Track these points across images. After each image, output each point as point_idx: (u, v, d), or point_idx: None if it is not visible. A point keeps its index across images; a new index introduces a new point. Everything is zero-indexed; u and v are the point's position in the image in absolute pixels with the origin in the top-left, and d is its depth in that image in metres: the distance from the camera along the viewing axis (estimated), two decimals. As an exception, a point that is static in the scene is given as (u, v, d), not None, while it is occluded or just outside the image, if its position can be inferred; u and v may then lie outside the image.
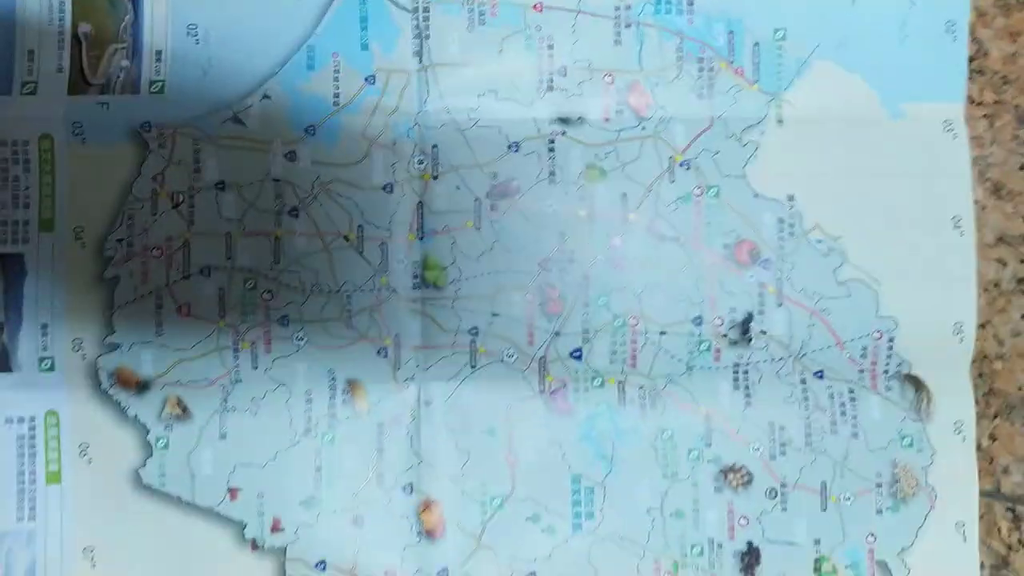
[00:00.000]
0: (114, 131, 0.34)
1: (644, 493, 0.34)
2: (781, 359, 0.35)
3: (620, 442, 0.34)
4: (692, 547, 0.34)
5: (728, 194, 0.35)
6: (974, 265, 0.35)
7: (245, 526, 0.33)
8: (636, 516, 0.34)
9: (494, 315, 0.34)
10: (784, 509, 0.34)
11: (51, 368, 0.33)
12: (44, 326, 0.33)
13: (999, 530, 0.36)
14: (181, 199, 0.34)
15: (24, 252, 0.33)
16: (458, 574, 0.34)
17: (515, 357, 0.34)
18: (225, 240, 0.34)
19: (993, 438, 0.36)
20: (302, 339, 0.34)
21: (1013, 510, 0.36)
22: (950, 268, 0.35)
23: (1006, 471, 0.36)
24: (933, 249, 0.35)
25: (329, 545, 0.34)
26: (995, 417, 0.36)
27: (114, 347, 0.33)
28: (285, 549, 0.33)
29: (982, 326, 0.35)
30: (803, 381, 0.35)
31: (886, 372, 0.35)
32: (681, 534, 0.34)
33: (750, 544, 0.34)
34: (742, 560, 0.34)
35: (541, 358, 0.34)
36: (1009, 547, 0.36)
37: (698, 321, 0.34)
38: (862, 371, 0.35)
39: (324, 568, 0.33)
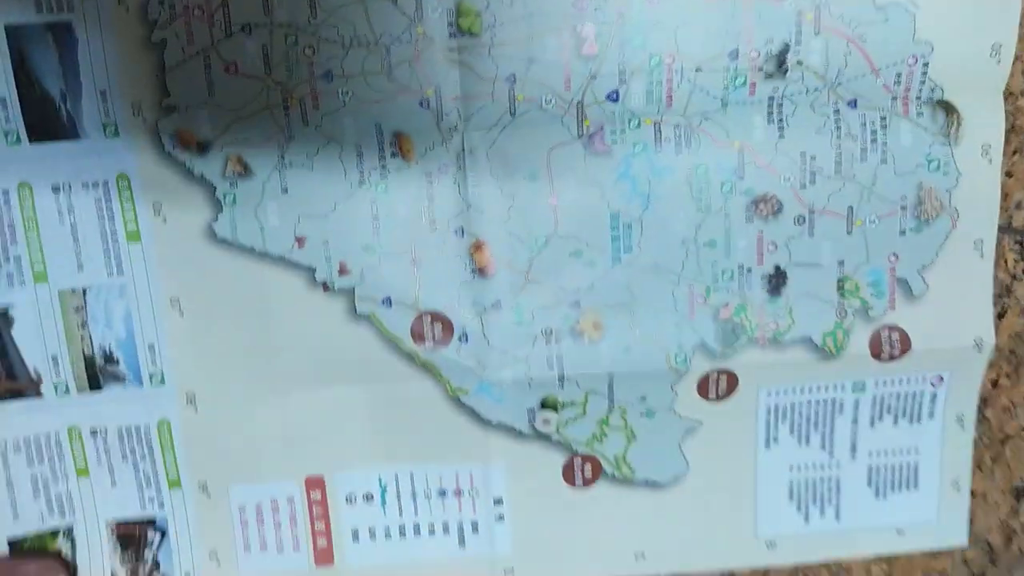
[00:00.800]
0: None
1: (679, 226, 0.37)
2: (816, 90, 0.36)
3: (656, 179, 0.37)
4: (723, 272, 0.38)
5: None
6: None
7: (315, 270, 0.38)
8: (671, 247, 0.38)
9: (530, 61, 0.35)
10: (811, 234, 0.38)
11: (116, 133, 0.36)
12: (103, 93, 0.35)
13: (1006, 261, 0.39)
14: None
15: (71, 20, 0.35)
16: (509, 305, 0.38)
17: (553, 103, 0.36)
18: (261, 2, 0.35)
19: (1010, 174, 0.38)
20: (347, 94, 0.36)
21: (1021, 242, 0.38)
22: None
23: (1019, 206, 0.38)
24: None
25: (392, 284, 0.38)
26: (1014, 154, 0.37)
27: (171, 109, 0.36)
28: (353, 289, 0.38)
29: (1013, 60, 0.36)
30: (836, 111, 0.36)
31: (919, 98, 0.36)
32: (713, 261, 0.38)
33: (777, 267, 0.38)
34: (769, 282, 0.38)
35: (578, 102, 0.36)
36: (1013, 276, 0.39)
37: (734, 55, 0.35)
38: (895, 98, 0.36)
39: (390, 304, 0.38)
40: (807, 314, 0.39)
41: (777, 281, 0.39)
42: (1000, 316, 0.40)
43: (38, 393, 0.39)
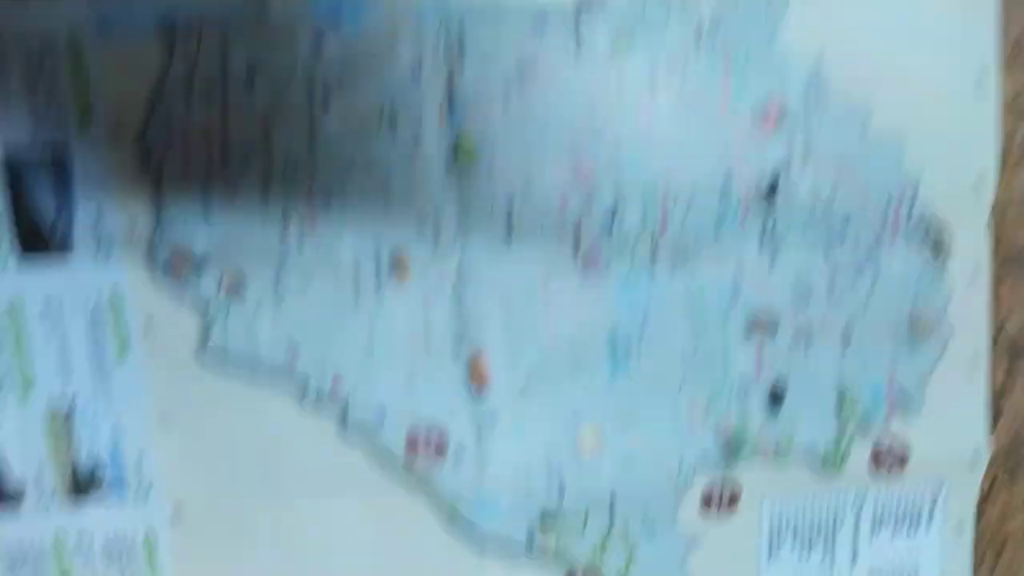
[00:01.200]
0: (140, 25, 0.35)
1: (677, 342, 0.38)
2: (807, 216, 0.38)
3: (653, 300, 0.38)
4: (723, 388, 0.39)
5: (756, 57, 0.36)
6: (996, 118, 0.37)
7: (307, 384, 0.38)
8: (670, 363, 0.39)
9: (527, 186, 0.37)
10: (807, 351, 0.39)
11: (109, 252, 0.37)
12: (97, 212, 0.36)
13: (996, 366, 0.40)
14: (213, 95, 0.36)
15: (68, 141, 0.36)
16: (507, 419, 0.39)
17: (549, 227, 0.37)
18: (261, 131, 0.36)
19: (998, 286, 0.39)
20: (345, 215, 0.37)
21: (1010, 349, 0.40)
22: (973, 122, 0.37)
23: (1008, 315, 0.40)
24: (957, 105, 0.37)
25: (386, 398, 0.38)
26: (1001, 267, 0.39)
27: (167, 230, 0.37)
28: (346, 404, 0.38)
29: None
30: (828, 235, 0.38)
31: (908, 222, 0.38)
32: (713, 377, 0.39)
33: (776, 383, 0.39)
34: (769, 397, 0.39)
35: (574, 227, 0.37)
36: (1004, 382, 0.41)
37: (726, 187, 0.37)
38: (885, 224, 0.38)
39: (383, 418, 0.38)
40: (808, 428, 0.40)
41: (777, 396, 0.40)
42: (994, 420, 0.41)
43: (21, 505, 0.39)
